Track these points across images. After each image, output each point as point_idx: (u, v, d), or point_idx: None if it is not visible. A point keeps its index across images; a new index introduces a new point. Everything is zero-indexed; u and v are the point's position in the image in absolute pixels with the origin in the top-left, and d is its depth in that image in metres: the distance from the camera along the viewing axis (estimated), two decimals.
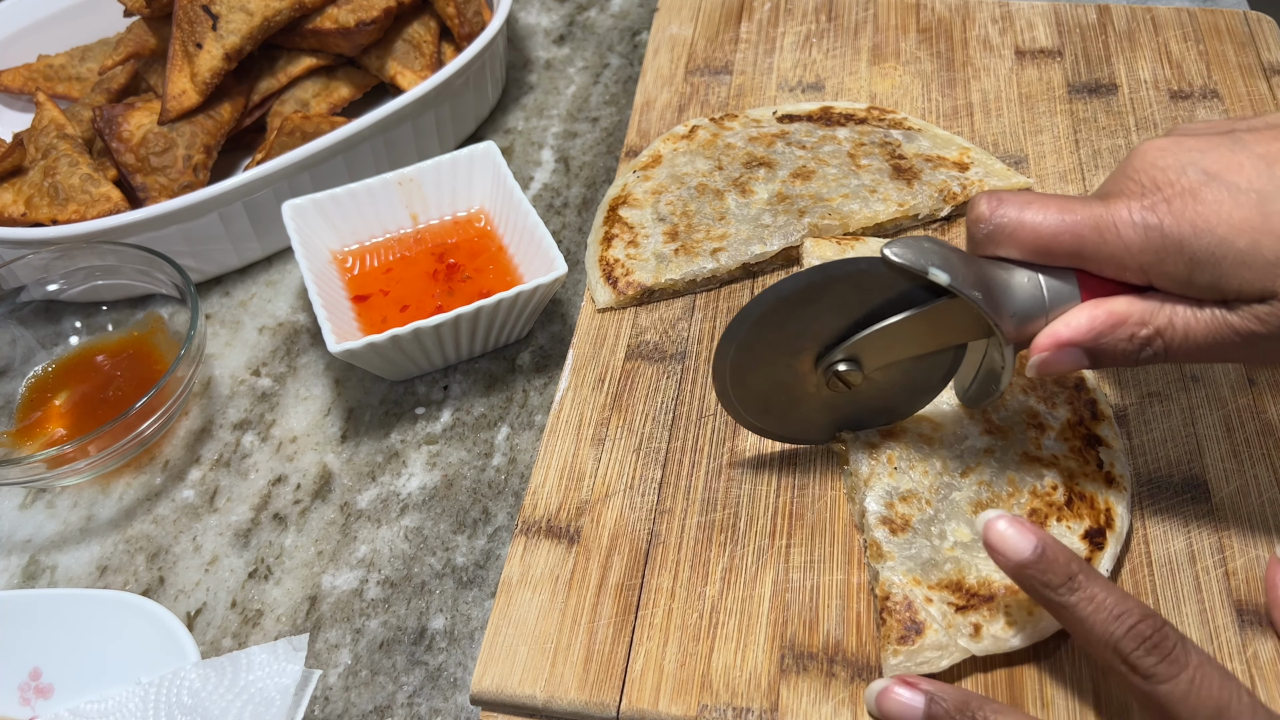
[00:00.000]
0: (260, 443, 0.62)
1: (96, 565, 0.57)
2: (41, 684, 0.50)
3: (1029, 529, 0.41)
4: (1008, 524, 0.41)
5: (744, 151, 0.67)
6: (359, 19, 0.72)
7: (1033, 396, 0.53)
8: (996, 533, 0.41)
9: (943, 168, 0.66)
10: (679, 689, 0.45)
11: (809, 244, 0.61)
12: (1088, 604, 0.39)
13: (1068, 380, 0.54)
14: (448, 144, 0.77)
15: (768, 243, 0.62)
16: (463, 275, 0.64)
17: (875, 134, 0.68)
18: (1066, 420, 0.52)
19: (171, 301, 0.64)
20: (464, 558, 0.56)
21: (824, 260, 0.59)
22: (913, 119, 0.70)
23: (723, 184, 0.65)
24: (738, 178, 0.66)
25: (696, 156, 0.67)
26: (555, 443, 0.55)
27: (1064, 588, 0.40)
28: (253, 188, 0.66)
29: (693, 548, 0.50)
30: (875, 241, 0.61)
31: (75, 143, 0.69)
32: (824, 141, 0.68)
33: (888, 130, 0.69)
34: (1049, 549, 0.40)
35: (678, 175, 0.66)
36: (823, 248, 0.60)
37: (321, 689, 0.51)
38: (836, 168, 0.66)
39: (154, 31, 0.73)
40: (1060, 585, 0.40)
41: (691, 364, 0.58)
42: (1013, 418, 0.52)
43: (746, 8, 0.82)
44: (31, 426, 0.60)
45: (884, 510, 0.49)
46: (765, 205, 0.64)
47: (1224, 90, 0.72)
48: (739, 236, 0.62)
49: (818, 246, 0.60)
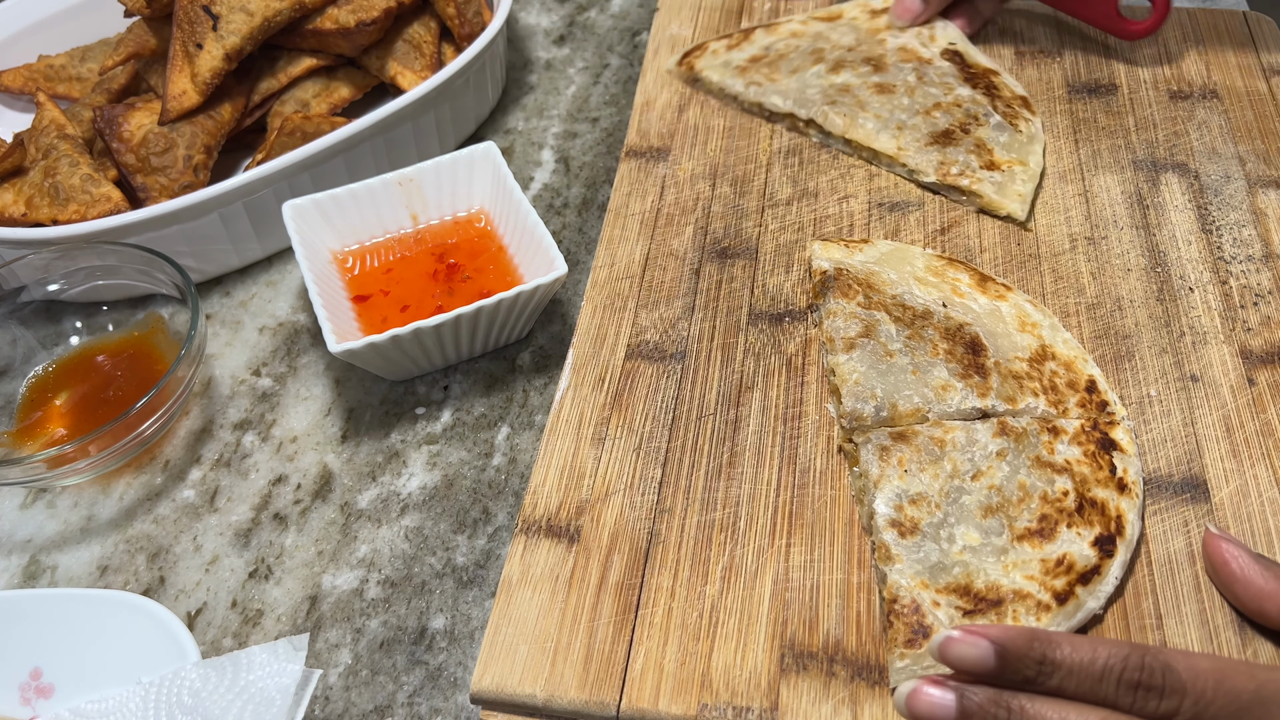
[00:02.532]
0: (261, 443, 0.62)
1: (97, 565, 0.57)
2: (42, 684, 0.50)
3: (972, 637, 0.40)
4: (955, 645, 0.40)
5: (871, 46, 0.74)
6: (359, 19, 0.72)
7: (1044, 400, 0.53)
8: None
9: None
10: (679, 688, 0.45)
11: (817, 246, 0.61)
12: (1070, 677, 0.39)
13: (1079, 383, 0.54)
14: (448, 144, 0.77)
15: (786, 101, 0.70)
16: (463, 275, 0.64)
17: (970, 103, 0.69)
18: (1080, 425, 0.52)
19: (172, 301, 0.64)
20: (464, 557, 0.56)
21: (831, 261, 0.60)
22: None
23: (823, 55, 0.73)
24: (840, 59, 0.72)
25: (841, 29, 0.75)
26: (555, 442, 0.55)
27: (1040, 675, 0.40)
28: (253, 188, 0.66)
29: (693, 547, 0.50)
30: (882, 245, 0.62)
31: (76, 143, 0.69)
32: (929, 84, 0.70)
33: (990, 103, 0.69)
34: (1007, 644, 0.40)
35: (807, 34, 0.76)
36: (830, 250, 0.61)
37: (322, 689, 0.51)
38: (907, 102, 0.69)
39: (154, 32, 0.73)
40: (1036, 675, 0.40)
41: (691, 364, 0.58)
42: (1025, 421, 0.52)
43: (746, 8, 0.82)
44: (32, 426, 0.60)
45: (893, 513, 0.49)
46: (831, 84, 0.71)
47: (1223, 91, 0.72)
48: (789, 88, 0.70)
49: (825, 249, 0.61)
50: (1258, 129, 0.69)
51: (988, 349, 0.55)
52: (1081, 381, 0.54)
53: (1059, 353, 0.56)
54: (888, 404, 0.52)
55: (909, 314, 0.57)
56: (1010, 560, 0.47)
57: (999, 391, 0.53)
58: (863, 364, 0.54)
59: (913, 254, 0.61)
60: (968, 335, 0.56)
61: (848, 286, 0.58)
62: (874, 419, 0.52)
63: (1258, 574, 0.46)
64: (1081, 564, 0.47)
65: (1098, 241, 0.63)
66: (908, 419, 0.52)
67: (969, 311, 0.57)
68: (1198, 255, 0.62)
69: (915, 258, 0.61)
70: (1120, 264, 0.62)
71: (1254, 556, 0.46)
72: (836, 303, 0.57)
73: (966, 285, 0.59)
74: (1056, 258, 0.62)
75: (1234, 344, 0.57)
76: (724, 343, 0.59)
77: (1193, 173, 0.67)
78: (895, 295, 0.58)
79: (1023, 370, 0.54)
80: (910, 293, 0.58)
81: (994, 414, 0.52)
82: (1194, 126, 0.70)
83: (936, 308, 0.57)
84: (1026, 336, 0.56)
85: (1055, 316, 0.58)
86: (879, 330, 0.55)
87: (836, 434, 0.54)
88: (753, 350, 0.58)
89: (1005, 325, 0.57)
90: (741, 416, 0.55)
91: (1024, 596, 0.46)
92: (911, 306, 0.57)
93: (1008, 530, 0.48)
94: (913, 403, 0.52)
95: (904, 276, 0.59)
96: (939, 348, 0.55)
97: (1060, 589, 0.46)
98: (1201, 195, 0.65)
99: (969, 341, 0.55)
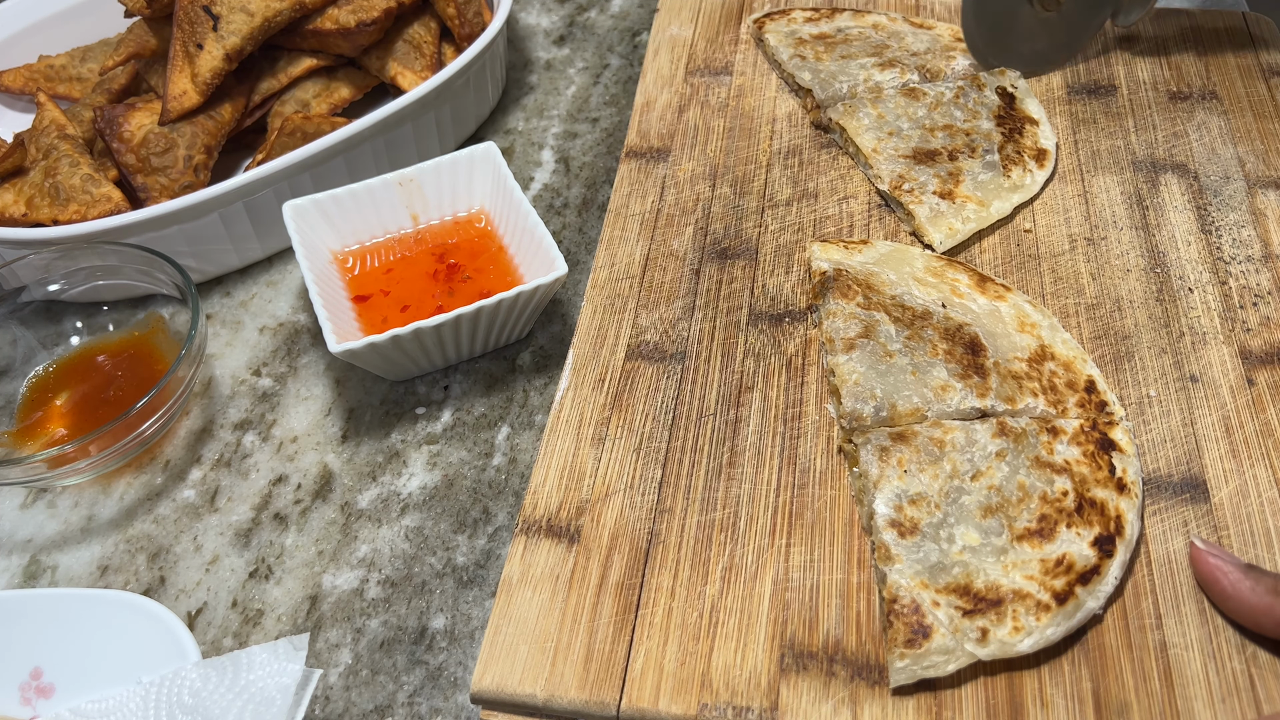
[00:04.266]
0: (261, 443, 0.62)
1: (97, 565, 0.57)
2: (42, 683, 0.50)
3: None
4: None
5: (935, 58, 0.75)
6: (359, 20, 0.72)
7: (1043, 400, 0.53)
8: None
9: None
10: (679, 688, 0.45)
11: (816, 247, 0.61)
12: None
13: (1078, 383, 0.54)
14: (448, 144, 0.77)
15: (813, 80, 0.72)
16: (463, 275, 0.65)
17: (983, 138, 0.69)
18: (1079, 426, 0.52)
19: (172, 301, 0.64)
20: (464, 557, 0.56)
21: (831, 262, 0.60)
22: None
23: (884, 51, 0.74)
24: (895, 58, 0.73)
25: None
26: (555, 442, 0.55)
27: None
28: (253, 188, 0.67)
29: (693, 547, 0.50)
30: (882, 245, 0.62)
31: (76, 143, 0.69)
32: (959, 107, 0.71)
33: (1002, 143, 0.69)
34: None
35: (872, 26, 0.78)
36: (830, 251, 0.61)
37: (322, 688, 0.51)
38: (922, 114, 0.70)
39: (155, 32, 0.73)
40: None
41: (691, 364, 0.58)
42: (1024, 422, 0.52)
43: (746, 8, 0.82)
44: (32, 426, 0.60)
45: (893, 513, 0.49)
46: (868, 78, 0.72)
47: (1223, 91, 0.72)
48: (827, 70, 0.73)
49: (825, 250, 0.61)
50: (1257, 130, 0.69)
51: (987, 349, 0.55)
52: (1081, 382, 0.54)
53: (1058, 353, 0.56)
54: (887, 404, 0.52)
55: (908, 314, 0.57)
56: (1010, 561, 0.47)
57: (998, 392, 0.53)
58: (862, 364, 0.54)
59: (912, 255, 0.61)
60: (967, 336, 0.56)
61: (847, 287, 0.58)
62: (874, 419, 0.52)
63: (1247, 590, 0.45)
64: (1081, 564, 0.47)
65: (1097, 242, 0.63)
66: (907, 419, 0.52)
67: (968, 312, 0.57)
68: (1197, 256, 0.62)
69: (914, 258, 0.61)
70: (1120, 265, 0.62)
71: (1244, 569, 0.46)
72: (836, 303, 0.57)
73: (966, 286, 0.59)
74: (1056, 258, 0.62)
75: (1233, 344, 0.57)
76: (724, 343, 0.59)
77: (1192, 173, 0.67)
78: (895, 296, 0.58)
79: (1022, 370, 0.54)
80: (910, 293, 0.58)
81: (993, 414, 0.52)
82: (1193, 127, 0.70)
83: (936, 308, 0.57)
84: (1026, 337, 0.56)
85: (1055, 317, 0.58)
86: (879, 331, 0.55)
87: (836, 434, 0.54)
88: (753, 350, 0.58)
89: (1004, 325, 0.57)
90: (741, 416, 0.55)
91: (1023, 596, 0.46)
92: (911, 307, 0.57)
93: (1007, 530, 0.48)
94: (912, 403, 0.52)
95: (903, 277, 0.59)
96: (938, 348, 0.55)
97: (1060, 589, 0.46)
98: (1201, 196, 0.65)
99: (968, 342, 0.55)
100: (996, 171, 0.65)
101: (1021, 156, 0.67)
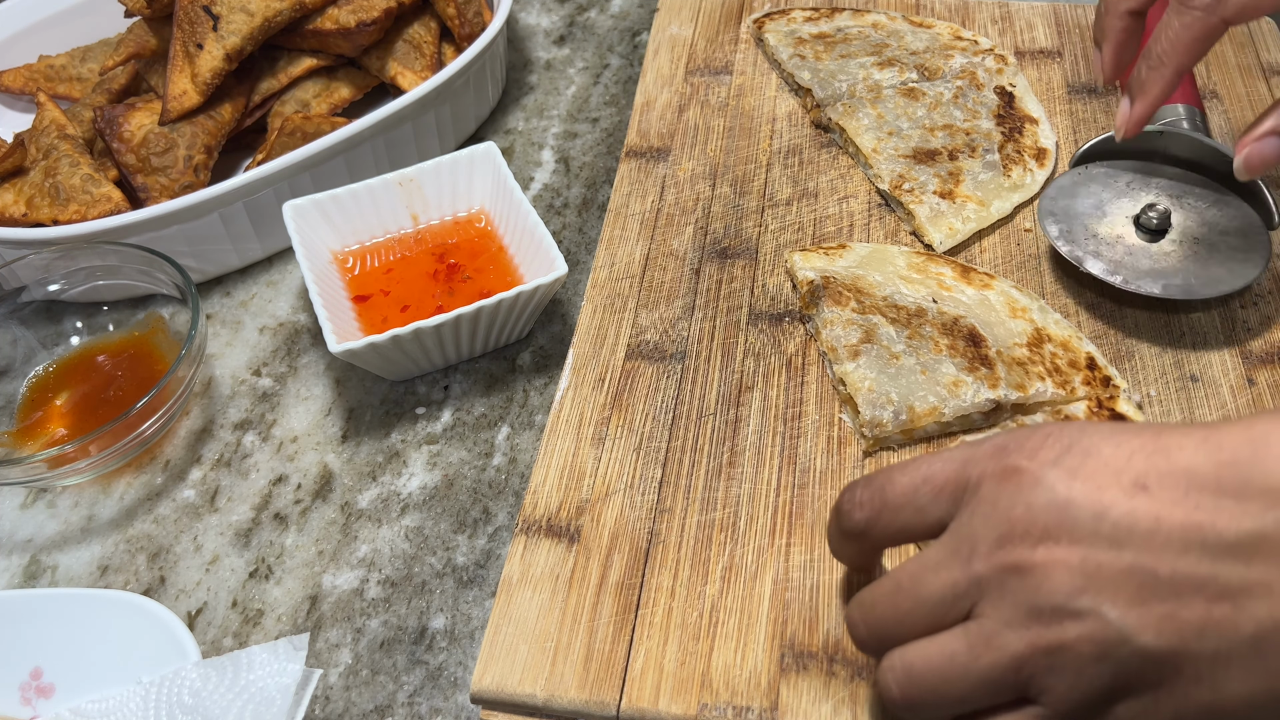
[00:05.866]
0: (261, 442, 0.62)
1: (97, 565, 0.57)
2: (42, 683, 0.50)
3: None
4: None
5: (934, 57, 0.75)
6: (359, 19, 0.72)
7: (1051, 382, 0.53)
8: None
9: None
10: (679, 688, 0.45)
11: (797, 257, 0.61)
12: None
13: (1079, 361, 0.54)
14: (448, 144, 0.77)
15: (813, 79, 0.72)
16: (463, 275, 0.65)
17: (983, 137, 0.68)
18: (1087, 407, 0.52)
19: (172, 301, 0.64)
20: (464, 557, 0.56)
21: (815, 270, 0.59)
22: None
23: (883, 50, 0.75)
24: (895, 57, 0.74)
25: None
26: (555, 442, 0.55)
27: None
28: (253, 188, 0.67)
29: (693, 547, 0.50)
30: (860, 248, 0.62)
31: (76, 143, 0.69)
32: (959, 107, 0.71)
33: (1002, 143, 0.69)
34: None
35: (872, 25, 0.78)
36: (811, 259, 0.61)
37: (322, 688, 0.51)
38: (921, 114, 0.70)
39: (155, 32, 0.73)
40: None
41: (691, 364, 0.58)
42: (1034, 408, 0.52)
43: (746, 7, 0.82)
44: (32, 426, 0.60)
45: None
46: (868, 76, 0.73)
47: (1223, 91, 0.72)
48: (826, 69, 0.73)
49: (806, 259, 0.61)
50: None
51: (987, 339, 0.55)
52: (1081, 359, 0.55)
53: (1053, 334, 0.56)
54: (904, 407, 0.52)
55: (903, 314, 0.57)
56: None
57: (1008, 380, 0.53)
58: (872, 370, 0.54)
59: (892, 253, 0.61)
60: (965, 328, 0.56)
61: (838, 293, 0.58)
62: (894, 423, 0.52)
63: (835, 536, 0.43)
64: None
65: None
66: (925, 419, 0.52)
67: (959, 304, 0.58)
68: None
69: (895, 257, 0.61)
70: None
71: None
72: (831, 311, 0.57)
73: (951, 278, 0.59)
74: (1056, 257, 0.62)
75: (1234, 344, 0.57)
76: (724, 343, 0.59)
77: None
78: (885, 296, 0.58)
79: (1024, 356, 0.54)
80: (899, 292, 0.58)
81: (1007, 403, 0.52)
82: None
83: (928, 304, 0.57)
84: (1020, 322, 0.57)
85: (1042, 299, 0.59)
86: (879, 334, 0.55)
87: (859, 443, 0.54)
88: (753, 350, 0.58)
89: (997, 314, 0.57)
90: (741, 416, 0.55)
91: None
92: (904, 306, 0.57)
93: None
94: (928, 402, 0.52)
95: (889, 277, 0.59)
96: (940, 344, 0.55)
97: None
98: None
99: (967, 334, 0.55)
100: (997, 171, 0.65)
101: (1022, 156, 0.67)
